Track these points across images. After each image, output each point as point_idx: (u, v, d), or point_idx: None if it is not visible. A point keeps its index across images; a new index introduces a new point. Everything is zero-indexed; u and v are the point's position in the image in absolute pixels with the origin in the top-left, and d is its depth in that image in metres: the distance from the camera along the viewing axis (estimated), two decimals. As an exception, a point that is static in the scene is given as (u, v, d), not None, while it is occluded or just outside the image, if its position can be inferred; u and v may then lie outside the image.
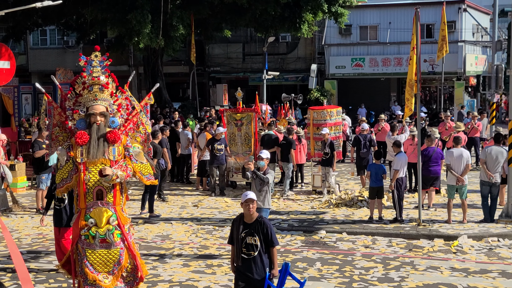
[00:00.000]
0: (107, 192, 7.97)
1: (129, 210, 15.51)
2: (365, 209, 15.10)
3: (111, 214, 7.97)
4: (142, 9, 26.38)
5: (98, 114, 8.02)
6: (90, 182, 7.93)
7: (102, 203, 7.97)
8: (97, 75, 8.17)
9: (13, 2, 28.33)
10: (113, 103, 8.26)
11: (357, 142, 17.96)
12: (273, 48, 39.32)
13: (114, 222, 7.97)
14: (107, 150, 7.95)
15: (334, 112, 18.02)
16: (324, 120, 17.70)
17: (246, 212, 7.68)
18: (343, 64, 39.62)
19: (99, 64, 8.28)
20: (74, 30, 35.73)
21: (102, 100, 8.14)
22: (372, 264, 11.21)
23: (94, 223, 7.90)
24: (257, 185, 11.44)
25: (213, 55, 43.27)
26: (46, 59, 41.25)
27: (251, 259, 7.61)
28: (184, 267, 11.03)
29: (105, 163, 7.91)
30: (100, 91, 8.13)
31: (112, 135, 7.97)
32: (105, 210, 7.96)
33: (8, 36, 33.46)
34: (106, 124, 8.08)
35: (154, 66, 34.26)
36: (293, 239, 12.95)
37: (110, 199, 8.00)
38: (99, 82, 8.16)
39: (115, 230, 7.97)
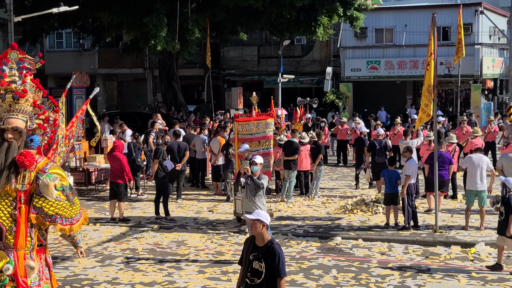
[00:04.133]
0: (7, 231, 6.11)
1: (144, 215, 15.57)
2: (381, 215, 15.00)
3: (7, 261, 6.11)
4: (158, 13, 26.44)
5: (10, 130, 6.18)
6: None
7: (0, 244, 6.15)
8: (9, 80, 6.30)
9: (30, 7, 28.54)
10: (36, 117, 6.44)
11: (372, 147, 17.86)
12: (288, 51, 39.24)
13: (8, 271, 6.09)
14: (15, 177, 6.13)
15: (263, 124, 15.04)
16: (251, 134, 14.84)
17: (254, 232, 7.00)
18: (359, 67, 39.47)
19: (15, 66, 6.39)
20: (90, 33, 35.87)
21: (18, 111, 6.27)
22: (388, 271, 11.13)
23: None
24: (252, 190, 11.53)
25: (228, 58, 43.28)
26: (62, 62, 41.43)
27: (252, 286, 6.91)
28: (200, 273, 11.02)
29: (10, 193, 6.11)
30: (14, 100, 6.26)
31: (22, 157, 6.11)
32: (1, 255, 6.13)
33: (25, 39, 33.64)
34: (22, 142, 6.24)
35: (169, 69, 34.30)
36: (308, 246, 12.90)
37: (11, 240, 6.11)
38: (12, 89, 6.28)
39: (8, 281, 6.11)
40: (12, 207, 6.08)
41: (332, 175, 21.92)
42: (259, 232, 6.95)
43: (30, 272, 6.15)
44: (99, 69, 43.55)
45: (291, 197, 17.12)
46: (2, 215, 6.10)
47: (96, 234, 14.02)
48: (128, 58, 38.69)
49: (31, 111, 6.37)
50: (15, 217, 6.06)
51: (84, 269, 11.29)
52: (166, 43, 27.13)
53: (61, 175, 6.23)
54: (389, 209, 14.16)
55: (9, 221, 6.10)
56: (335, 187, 19.55)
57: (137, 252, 12.49)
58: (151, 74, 43.21)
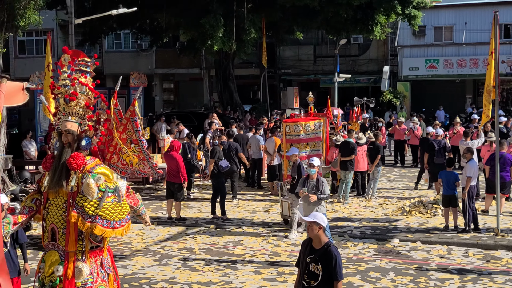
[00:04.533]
0: (59, 233, 6.23)
1: (201, 214, 15.67)
2: (440, 217, 14.71)
3: (58, 262, 6.22)
4: (215, 13, 26.64)
5: (64, 133, 6.36)
6: (48, 218, 6.34)
7: (55, 245, 6.29)
8: (61, 84, 6.41)
9: (90, 9, 29.12)
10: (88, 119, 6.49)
11: (431, 148, 17.53)
12: (345, 50, 38.96)
13: (58, 272, 6.17)
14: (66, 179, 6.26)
15: (311, 126, 14.81)
16: (298, 135, 14.63)
17: (310, 234, 6.95)
18: (417, 66, 38.88)
19: (67, 70, 6.45)
20: (147, 34, 36.39)
21: (71, 114, 6.39)
22: (448, 275, 10.90)
23: (43, 269, 6.31)
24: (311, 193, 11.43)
25: (284, 57, 43.23)
26: (120, 62, 42.14)
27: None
28: (256, 274, 11.01)
29: (63, 196, 6.25)
30: (66, 104, 6.38)
31: (71, 159, 6.21)
32: (55, 255, 6.26)
33: (84, 40, 34.35)
34: (74, 145, 6.39)
35: (225, 69, 34.50)
36: (365, 247, 12.75)
37: (62, 242, 6.22)
38: (63, 92, 6.39)
39: (59, 282, 6.19)
40: (63, 209, 6.20)
41: (389, 176, 21.63)
42: (316, 234, 6.91)
43: (78, 274, 6.18)
44: (156, 69, 44.11)
45: (347, 198, 16.97)
46: (55, 217, 6.24)
47: (153, 233, 14.18)
48: (185, 58, 39.09)
49: (83, 113, 6.44)
50: (66, 219, 6.18)
51: (142, 268, 11.43)
52: (223, 43, 27.29)
53: (108, 177, 6.24)
54: (448, 211, 13.87)
55: (61, 223, 6.22)
56: (392, 188, 19.28)
57: (194, 251, 12.57)
58: (208, 74, 43.53)
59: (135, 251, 12.63)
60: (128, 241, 13.37)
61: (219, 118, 25.55)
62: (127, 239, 13.52)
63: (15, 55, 43.59)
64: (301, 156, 14.19)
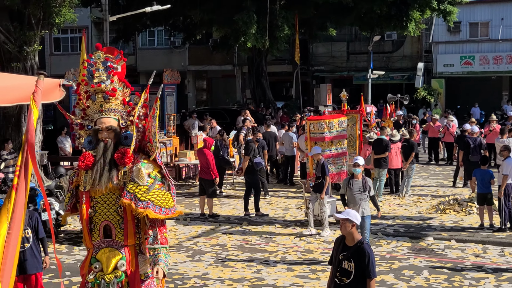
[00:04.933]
0: (116, 229, 6.24)
1: (233, 211, 15.70)
2: (475, 216, 14.51)
3: (120, 257, 6.22)
4: (248, 10, 26.64)
5: (104, 130, 6.29)
6: (96, 216, 6.26)
7: (111, 242, 6.26)
8: (98, 81, 6.36)
9: (124, 6, 29.38)
10: (127, 114, 6.49)
11: (466, 145, 17.30)
12: (378, 47, 38.68)
13: (123, 267, 6.19)
14: (116, 175, 6.25)
15: (335, 123, 14.51)
16: (322, 133, 14.33)
17: (343, 232, 6.94)
18: (452, 63, 38.41)
19: (102, 67, 6.41)
20: (180, 30, 36.57)
21: (110, 111, 6.37)
22: (483, 274, 10.75)
23: (100, 268, 6.21)
24: (357, 195, 11.24)
25: (317, 54, 43.08)
26: (153, 59, 42.41)
27: (341, 286, 6.84)
28: (288, 271, 10.99)
29: (113, 191, 6.23)
30: (105, 100, 6.36)
31: (120, 154, 6.24)
32: (113, 252, 6.23)
33: (118, 37, 34.66)
34: (117, 141, 6.37)
35: (258, 65, 34.50)
36: (399, 245, 12.64)
37: (121, 237, 6.24)
38: (102, 89, 6.36)
39: (124, 277, 6.21)
40: (117, 205, 6.18)
41: (423, 174, 21.41)
42: (349, 232, 6.90)
43: (142, 265, 6.27)
44: (189, 66, 44.31)
45: (381, 195, 16.84)
46: (109, 214, 6.20)
47: (186, 229, 14.25)
48: (218, 55, 39.18)
49: (121, 109, 6.43)
50: (122, 214, 6.16)
51: (175, 264, 11.49)
52: (256, 40, 27.29)
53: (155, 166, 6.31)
54: (483, 210, 13.68)
55: (116, 219, 6.20)
56: (426, 186, 19.08)
57: (226, 248, 12.60)
58: (240, 71, 43.59)
59: (168, 247, 12.66)
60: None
61: (252, 115, 25.55)
62: (160, 235, 13.59)
63: (51, 53, 44.19)
64: (326, 154, 14.09)
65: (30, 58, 16.82)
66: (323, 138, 14.25)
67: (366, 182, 11.45)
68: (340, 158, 14.49)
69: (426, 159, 24.46)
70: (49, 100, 6.40)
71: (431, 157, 24.34)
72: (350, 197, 11.34)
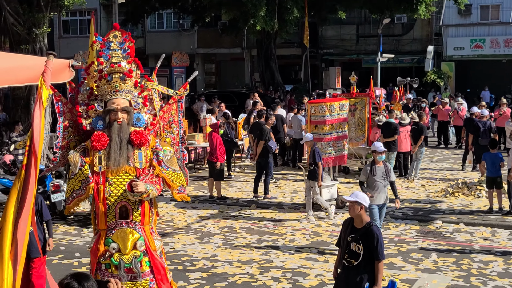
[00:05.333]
0: (133, 209, 6.28)
1: (242, 194, 15.73)
2: (484, 199, 14.47)
3: (138, 237, 6.28)
4: (257, -8, 26.50)
5: (119, 110, 6.29)
6: (112, 197, 6.26)
7: (128, 222, 6.29)
8: (117, 61, 6.36)
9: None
10: (137, 96, 6.50)
11: (475, 129, 17.22)
12: (388, 30, 38.40)
13: (142, 247, 6.27)
14: (132, 155, 6.29)
15: (336, 106, 14.30)
16: (323, 116, 14.16)
17: (352, 214, 6.97)
18: (462, 46, 38.15)
19: (119, 47, 6.43)
20: (189, 13, 36.44)
21: (124, 92, 6.37)
22: (491, 257, 10.74)
23: (118, 249, 6.22)
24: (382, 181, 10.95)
25: (326, 37, 42.85)
26: (162, 42, 42.31)
27: (350, 267, 6.87)
28: (296, 253, 11.02)
29: (130, 172, 6.27)
30: (121, 81, 6.36)
31: (137, 136, 6.29)
32: (130, 232, 6.27)
33: (127, 20, 34.58)
34: (130, 122, 6.38)
35: (267, 48, 34.37)
36: (407, 229, 12.64)
37: (137, 217, 6.30)
38: (120, 70, 6.36)
39: (143, 257, 6.29)
40: None
41: (432, 157, 21.35)
42: (358, 214, 6.93)
43: (158, 245, 6.48)
44: (198, 49, 44.20)
45: (390, 178, 16.80)
46: (125, 194, 6.23)
47: (195, 211, 14.30)
48: (227, 38, 39.05)
49: (134, 90, 6.45)
50: None
51: (184, 246, 11.53)
52: (265, 22, 27.17)
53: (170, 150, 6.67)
54: (492, 193, 13.65)
55: (133, 200, 6.25)
56: (435, 169, 19.04)
57: (234, 230, 12.63)
58: (249, 54, 43.45)
59: (177, 229, 12.76)
60: (170, 219, 13.51)
61: (260, 98, 25.51)
62: (169, 217, 13.67)
63: (59, 35, 44.16)
64: (327, 138, 14.03)
65: (39, 40, 16.83)
66: (324, 121, 14.13)
67: (388, 167, 11.18)
68: (341, 141, 14.37)
69: (435, 143, 24.38)
70: (59, 81, 6.40)
71: (440, 141, 24.26)
72: (372, 184, 10.92)
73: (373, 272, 6.82)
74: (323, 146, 14.00)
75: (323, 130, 14.03)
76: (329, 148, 14.03)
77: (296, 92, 33.46)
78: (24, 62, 6.78)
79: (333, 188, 14.19)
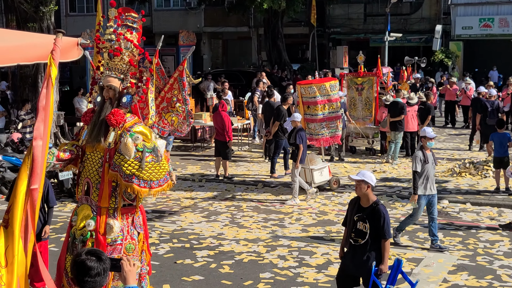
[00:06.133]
0: (93, 188, 6.21)
1: (249, 173, 15.75)
2: (491, 179, 14.46)
3: (90, 216, 6.18)
4: (264, -30, 26.36)
5: (106, 88, 6.28)
6: (83, 172, 6.32)
7: (88, 199, 6.26)
8: (106, 38, 6.30)
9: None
10: (131, 76, 6.38)
11: (483, 108, 17.17)
12: (396, 8, 38.14)
13: (90, 227, 6.13)
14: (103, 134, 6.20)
15: (327, 87, 14.04)
16: (314, 97, 13.89)
17: (358, 193, 6.99)
18: (470, 25, 37.85)
19: (113, 24, 6.35)
20: (196, -9, 36.29)
21: (115, 70, 6.31)
22: (498, 237, 10.76)
23: (75, 222, 6.27)
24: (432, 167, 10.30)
25: (334, 16, 42.60)
26: (169, 21, 42.19)
27: (356, 246, 6.91)
28: (303, 232, 11.07)
29: (100, 151, 6.21)
30: (110, 59, 6.30)
31: (110, 115, 6.16)
32: (87, 209, 6.24)
33: (134, -3, 34.50)
34: (114, 101, 6.30)
35: (274, 27, 34.24)
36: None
37: (95, 197, 6.19)
38: (107, 47, 6.30)
39: (89, 236, 6.14)
40: (99, 164, 6.17)
41: (439, 137, 21.31)
42: (364, 193, 6.96)
43: (109, 230, 6.16)
44: (205, 28, 44.04)
45: (396, 158, 16.82)
46: (91, 172, 6.22)
47: (201, 190, 14.35)
48: (234, 17, 38.86)
49: (126, 69, 6.33)
50: (101, 174, 6.15)
51: (191, 224, 11.60)
52: (272, 1, 27.07)
53: (146, 136, 6.11)
54: (499, 173, 13.64)
55: (95, 178, 6.17)
56: (443, 149, 19.01)
57: (241, 209, 12.69)
58: (256, 33, 43.27)
59: (184, 208, 12.82)
60: (177, 198, 13.57)
61: (267, 77, 25.45)
62: (176, 196, 13.73)
63: (66, 13, 44.07)
64: (319, 118, 13.83)
65: (46, 19, 16.81)
66: (316, 102, 13.89)
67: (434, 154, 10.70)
68: (334, 122, 14.08)
69: (443, 123, 24.33)
70: (67, 59, 6.41)
71: (447, 121, 24.20)
72: (424, 172, 10.17)
73: (379, 250, 6.88)
74: (316, 127, 13.85)
75: (315, 111, 13.84)
76: (322, 129, 13.86)
77: (303, 72, 33.36)
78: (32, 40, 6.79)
79: (325, 170, 13.99)
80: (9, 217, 4.82)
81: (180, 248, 10.25)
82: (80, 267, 3.91)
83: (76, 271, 3.93)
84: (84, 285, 3.91)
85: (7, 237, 4.74)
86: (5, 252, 4.69)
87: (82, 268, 3.90)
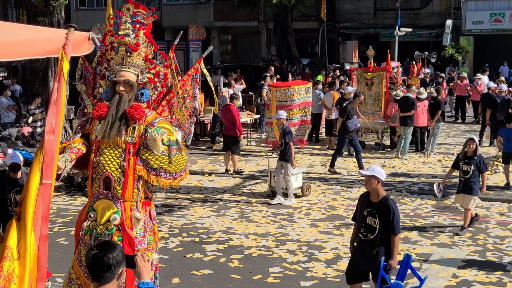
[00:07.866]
0: (115, 182, 6.19)
1: (258, 167, 15.77)
2: (501, 175, 14.42)
3: (114, 211, 6.18)
4: (273, -35, 26.32)
5: (122, 83, 6.27)
6: (99, 167, 6.25)
7: (109, 194, 6.23)
8: (123, 33, 6.34)
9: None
10: (147, 71, 6.45)
11: (493, 103, 17.11)
12: (406, 3, 38.03)
13: (116, 221, 6.17)
14: (125, 129, 6.22)
15: (303, 90, 13.78)
16: (291, 100, 13.45)
17: (368, 188, 7.00)
18: (481, 20, 37.67)
19: (129, 20, 6.40)
20: (206, -14, 36.29)
21: (130, 65, 6.34)
22: (507, 233, 10.74)
23: (94, 218, 6.23)
24: None
25: (343, 11, 42.51)
26: (178, 15, 42.20)
27: (365, 241, 6.93)
28: (312, 227, 11.08)
29: (119, 145, 6.21)
30: (127, 54, 6.35)
31: (133, 110, 6.20)
32: (109, 204, 6.22)
33: (144, -8, 34.53)
34: (132, 96, 6.32)
35: (283, 22, 34.21)
36: (423, 203, 12.65)
37: (119, 191, 6.19)
38: (125, 42, 6.33)
39: (115, 231, 6.17)
40: (121, 159, 6.18)
41: (449, 132, 21.26)
42: (374, 188, 6.97)
43: (136, 223, 6.22)
44: (214, 22, 44.04)
45: (406, 153, 16.80)
46: (111, 166, 6.20)
47: (211, 184, 14.38)
48: (243, 11, 38.86)
49: (142, 65, 6.39)
50: (124, 168, 6.15)
51: (200, 218, 11.64)
52: (282, -5, 27.01)
53: (169, 130, 6.24)
54: (508, 168, 13.59)
55: (117, 172, 6.17)
56: (452, 144, 18.97)
57: (250, 203, 12.71)
58: (266, 27, 43.22)
59: (194, 202, 12.85)
60: (187, 192, 13.61)
61: (277, 71, 25.43)
62: (185, 190, 13.76)
63: (76, 8, 44.17)
64: (294, 122, 13.47)
65: (56, 13, 16.86)
66: (292, 105, 13.46)
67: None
68: (303, 126, 13.85)
69: (453, 118, 24.25)
70: (78, 53, 6.42)
71: (457, 116, 24.12)
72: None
73: (389, 245, 6.89)
74: None
75: (290, 115, 13.40)
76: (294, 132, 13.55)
77: (312, 66, 33.34)
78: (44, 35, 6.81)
79: (299, 176, 13.47)
80: (21, 210, 4.85)
81: (190, 242, 10.29)
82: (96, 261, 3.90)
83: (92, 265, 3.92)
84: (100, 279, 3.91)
85: (20, 230, 4.78)
86: (17, 245, 4.73)
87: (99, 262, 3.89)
